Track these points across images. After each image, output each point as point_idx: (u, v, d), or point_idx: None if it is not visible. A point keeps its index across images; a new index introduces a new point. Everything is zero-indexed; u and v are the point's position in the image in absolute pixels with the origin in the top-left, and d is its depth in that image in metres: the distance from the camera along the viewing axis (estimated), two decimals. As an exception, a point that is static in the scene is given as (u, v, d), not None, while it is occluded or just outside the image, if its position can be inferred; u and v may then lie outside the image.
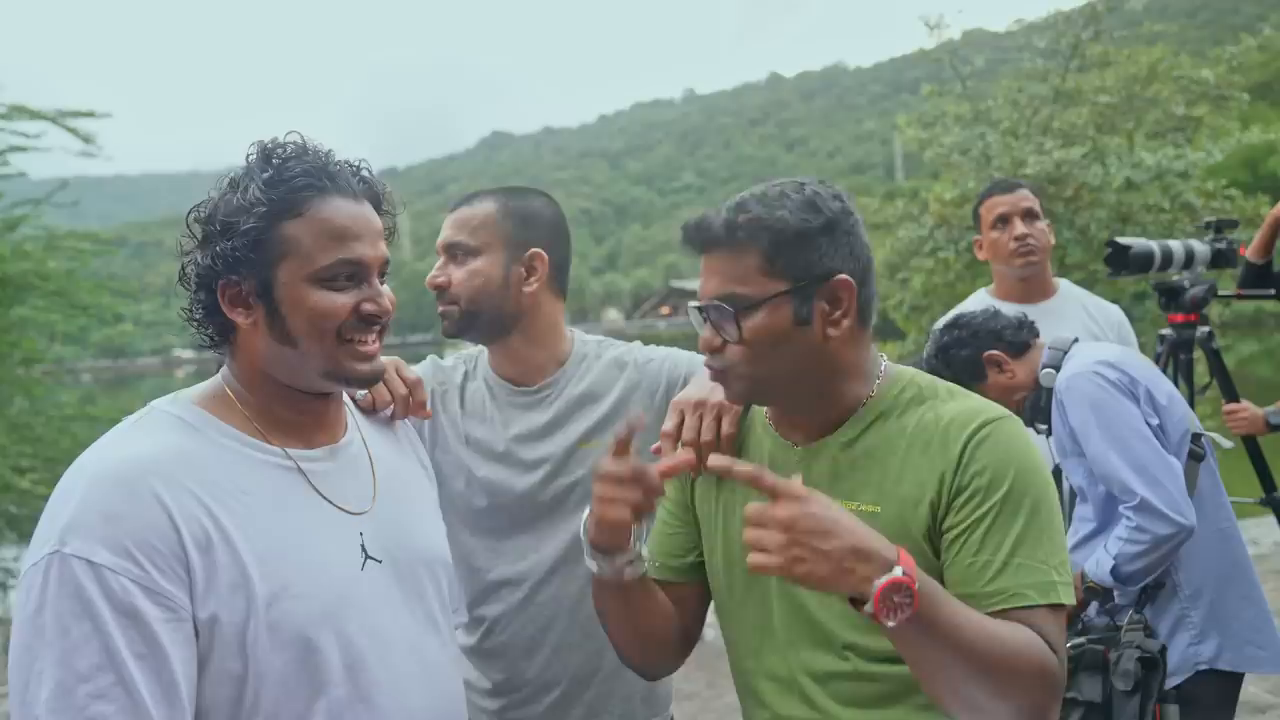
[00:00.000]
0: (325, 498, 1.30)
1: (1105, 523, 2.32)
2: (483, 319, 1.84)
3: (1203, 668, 2.23)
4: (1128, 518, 2.19)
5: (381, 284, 1.32)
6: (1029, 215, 3.03)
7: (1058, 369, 2.38)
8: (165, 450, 1.19)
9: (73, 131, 7.47)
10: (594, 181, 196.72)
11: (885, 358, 1.45)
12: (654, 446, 1.60)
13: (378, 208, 1.34)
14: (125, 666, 1.08)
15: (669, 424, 1.56)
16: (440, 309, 1.85)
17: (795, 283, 1.31)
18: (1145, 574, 2.22)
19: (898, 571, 1.09)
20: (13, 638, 1.10)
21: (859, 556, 1.09)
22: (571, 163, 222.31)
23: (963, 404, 1.36)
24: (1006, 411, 1.34)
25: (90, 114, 7.41)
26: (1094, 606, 2.31)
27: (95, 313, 8.31)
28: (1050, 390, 2.38)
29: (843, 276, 1.32)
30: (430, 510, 1.53)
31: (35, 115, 7.22)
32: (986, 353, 2.44)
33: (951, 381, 2.34)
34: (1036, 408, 2.43)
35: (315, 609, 1.21)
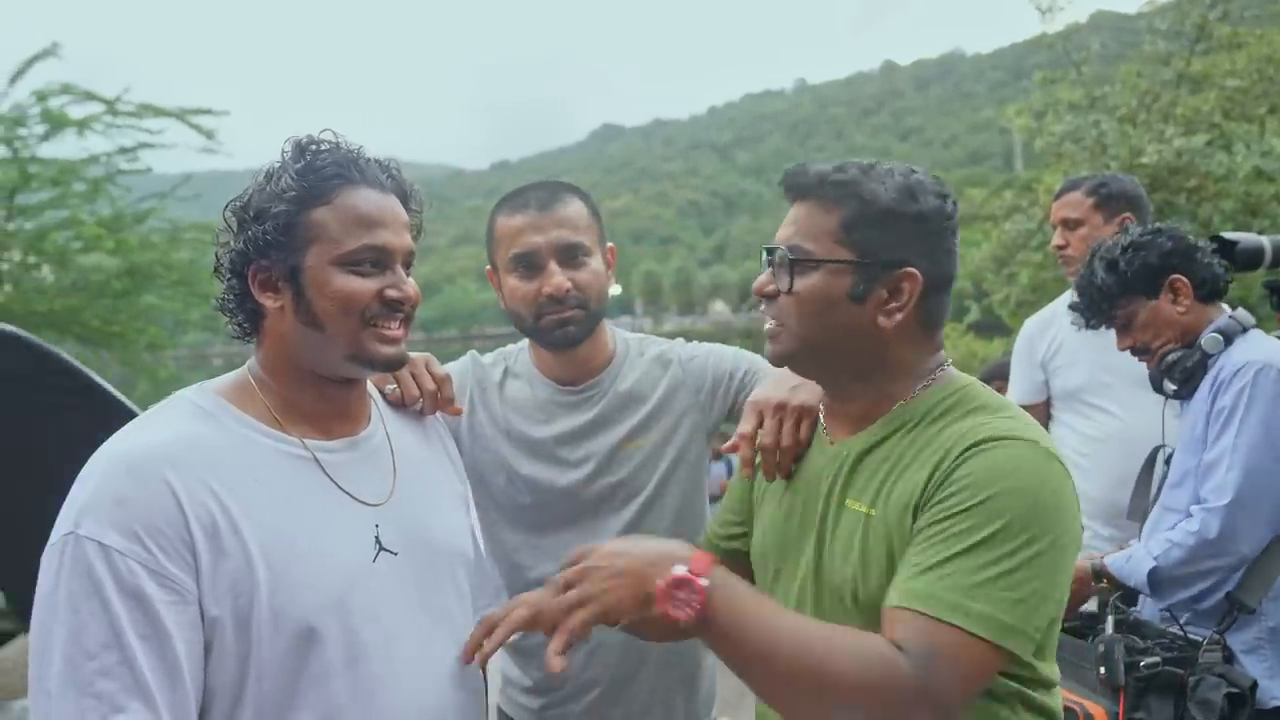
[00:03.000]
0: (340, 488, 1.32)
1: None
2: (595, 321, 1.82)
3: (1276, 703, 2.05)
4: (1189, 516, 2.06)
5: (407, 275, 1.35)
6: (1067, 224, 2.96)
7: (1228, 340, 2.19)
8: (179, 437, 1.23)
9: (195, 128, 7.86)
10: (703, 173, 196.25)
11: (948, 365, 1.37)
12: (726, 445, 1.58)
13: (406, 205, 1.38)
14: (130, 646, 1.11)
15: (747, 425, 1.51)
16: (560, 315, 1.76)
17: (862, 258, 1.28)
18: (1180, 586, 2.08)
19: (679, 570, 1.13)
20: (33, 613, 1.15)
21: (647, 563, 1.16)
22: (680, 154, 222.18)
23: (990, 420, 1.24)
24: (1035, 436, 1.22)
25: (209, 111, 7.79)
26: (1154, 610, 2.16)
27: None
28: (1207, 356, 2.19)
29: (911, 270, 1.27)
30: (454, 505, 1.54)
31: (160, 113, 7.63)
32: (1175, 275, 2.24)
33: (1108, 288, 2.25)
34: (1177, 366, 2.23)
35: (319, 599, 1.23)
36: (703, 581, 1.13)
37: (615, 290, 1.91)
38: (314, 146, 1.31)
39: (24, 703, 5.97)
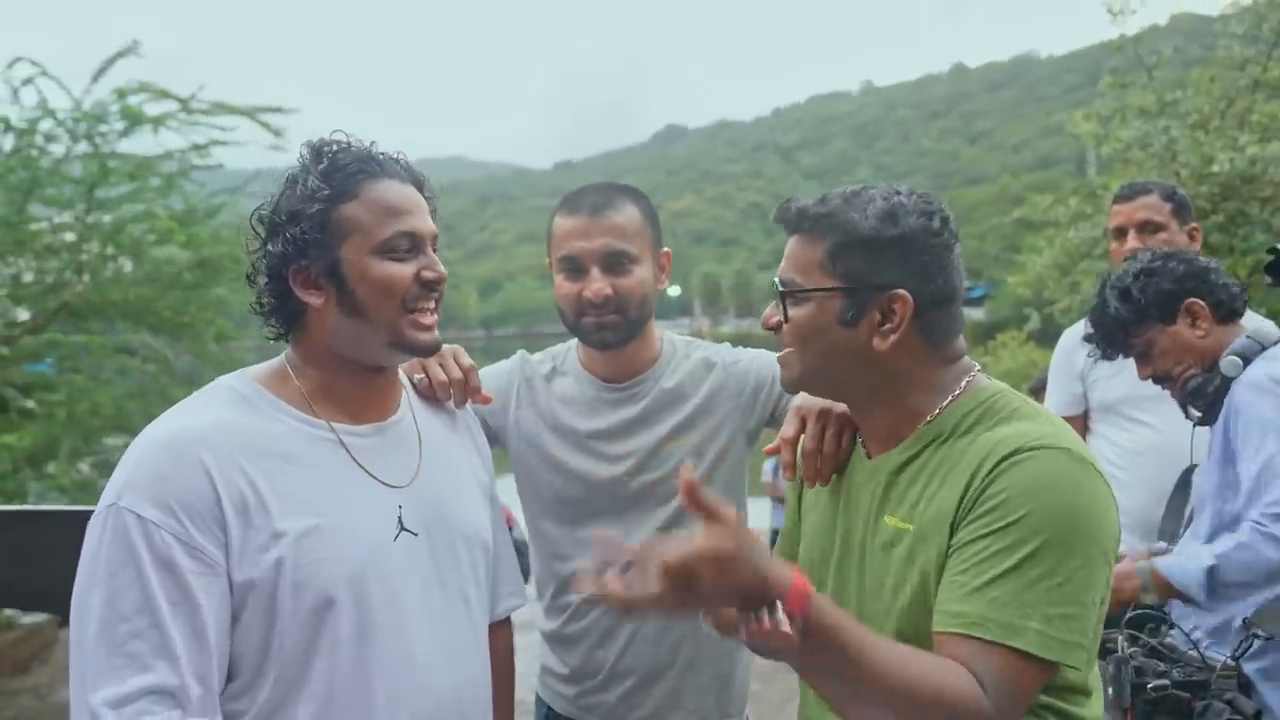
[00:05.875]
0: (366, 470, 1.40)
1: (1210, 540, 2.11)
2: (636, 327, 1.87)
3: None
4: (1259, 524, 1.95)
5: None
6: (1146, 227, 2.81)
7: (1247, 362, 2.13)
8: (216, 421, 1.33)
9: (265, 125, 8.05)
10: (766, 175, 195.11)
11: (975, 374, 1.38)
12: (769, 448, 1.61)
13: (421, 193, 1.46)
14: (160, 610, 1.21)
15: (790, 429, 1.55)
16: (598, 319, 1.83)
17: (849, 284, 1.31)
18: (1240, 592, 1.99)
19: (766, 617, 1.09)
20: (77, 576, 1.26)
21: (747, 596, 1.08)
22: (744, 156, 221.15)
23: (1021, 428, 1.26)
24: (1066, 443, 1.23)
25: (279, 109, 7.98)
26: (1179, 636, 2.11)
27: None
28: (1227, 380, 2.14)
29: (900, 292, 1.30)
30: (477, 493, 1.60)
31: (232, 111, 7.84)
32: (1191, 299, 2.18)
33: (1123, 317, 2.20)
34: (1201, 391, 2.18)
35: (339, 573, 1.31)
36: (789, 629, 1.12)
37: (674, 291, 1.96)
38: (330, 148, 1.40)
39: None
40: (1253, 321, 2.30)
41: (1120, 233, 2.90)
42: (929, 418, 1.34)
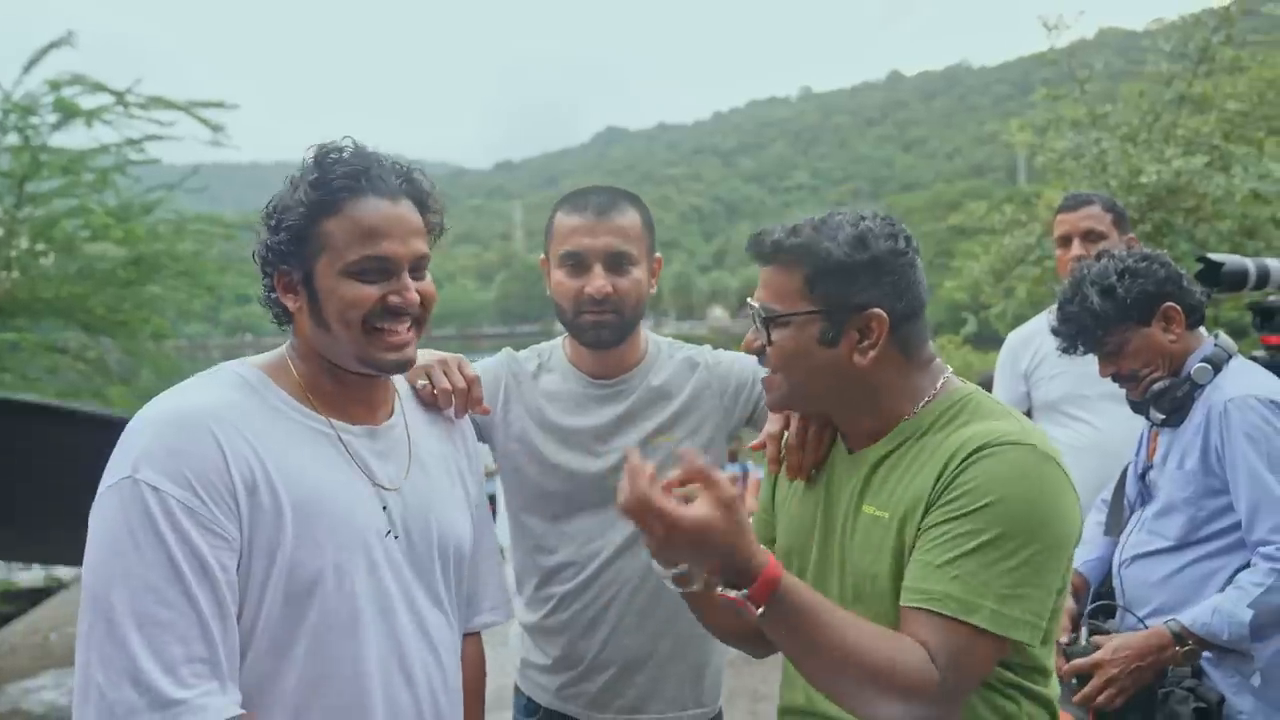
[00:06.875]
0: (357, 466, 1.42)
1: (1184, 545, 2.17)
2: (630, 327, 1.93)
3: (1243, 719, 2.05)
4: (1273, 558, 2.00)
5: (420, 278, 1.43)
6: (1090, 236, 2.95)
7: (1216, 370, 2.18)
8: (223, 401, 1.34)
9: (203, 121, 7.90)
10: (706, 179, 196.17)
11: (948, 375, 1.47)
12: (755, 443, 1.67)
13: (424, 208, 1.45)
14: (187, 578, 1.22)
15: (774, 426, 1.62)
16: (597, 316, 1.88)
17: (827, 308, 1.38)
18: (1274, 630, 2.01)
19: (734, 594, 1.21)
20: (90, 550, 1.24)
21: (721, 564, 1.20)
22: (684, 159, 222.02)
23: (992, 425, 1.35)
24: (1032, 440, 1.32)
25: (219, 104, 7.85)
26: (1134, 624, 2.19)
27: (219, 292, 8.83)
28: (1195, 385, 2.17)
29: (876, 311, 1.38)
30: (462, 502, 1.62)
31: (170, 105, 7.68)
32: (1169, 303, 2.20)
33: (1105, 314, 2.20)
34: (1165, 395, 2.20)
35: (332, 557, 1.34)
36: (758, 611, 1.22)
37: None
38: (330, 157, 1.39)
39: (22, 685, 6.03)
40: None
41: (1065, 241, 3.04)
42: (908, 416, 1.43)
